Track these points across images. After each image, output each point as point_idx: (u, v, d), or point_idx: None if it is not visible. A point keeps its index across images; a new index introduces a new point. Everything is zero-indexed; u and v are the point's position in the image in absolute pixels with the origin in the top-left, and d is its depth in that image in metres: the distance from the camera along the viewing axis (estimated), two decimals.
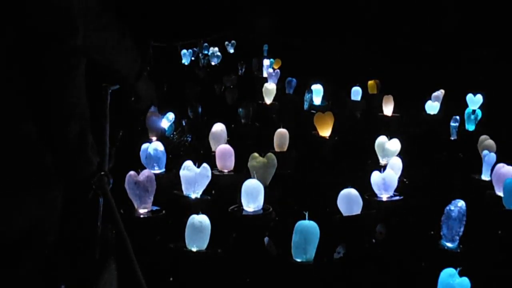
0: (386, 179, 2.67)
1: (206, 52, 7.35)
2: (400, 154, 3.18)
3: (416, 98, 4.77)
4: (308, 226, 2.10)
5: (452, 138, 4.02)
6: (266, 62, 6.27)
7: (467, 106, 4.42)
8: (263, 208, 2.51)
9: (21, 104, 1.33)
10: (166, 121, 3.87)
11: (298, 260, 2.11)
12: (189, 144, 3.82)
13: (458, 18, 7.61)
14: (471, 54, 6.74)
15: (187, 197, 2.64)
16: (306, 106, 4.74)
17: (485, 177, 3.07)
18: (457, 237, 2.24)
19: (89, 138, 1.53)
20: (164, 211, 2.49)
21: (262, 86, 4.85)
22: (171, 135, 3.94)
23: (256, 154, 2.84)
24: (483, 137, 3.47)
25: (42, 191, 1.43)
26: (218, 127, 3.38)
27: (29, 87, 1.33)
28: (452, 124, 4.02)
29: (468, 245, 2.24)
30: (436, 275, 1.84)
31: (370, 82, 5.25)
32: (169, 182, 2.82)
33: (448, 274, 1.82)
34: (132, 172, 2.45)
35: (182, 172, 2.65)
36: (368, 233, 2.49)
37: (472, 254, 2.21)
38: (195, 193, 2.64)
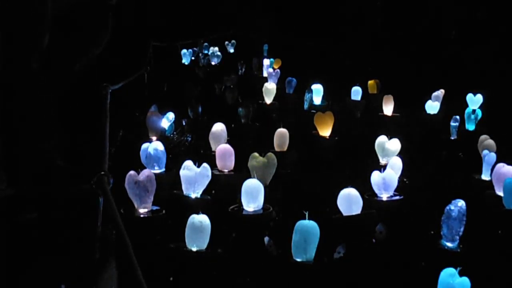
0: (386, 179, 2.67)
1: (206, 52, 7.35)
2: (400, 154, 3.18)
3: (416, 98, 4.77)
4: (308, 226, 2.10)
5: (452, 138, 4.02)
6: (266, 62, 6.27)
7: (467, 106, 4.42)
8: (263, 208, 2.50)
9: None
10: (166, 121, 3.87)
11: (298, 260, 2.11)
12: (189, 144, 3.82)
13: (458, 18, 7.61)
14: (471, 54, 6.74)
15: (187, 197, 2.64)
16: (306, 106, 4.74)
17: (485, 177, 3.07)
18: (457, 237, 2.24)
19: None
20: (164, 211, 2.49)
21: (262, 86, 4.85)
22: (171, 135, 3.94)
23: (256, 154, 2.84)
24: (483, 137, 3.47)
25: None
26: (218, 127, 3.38)
27: None
28: (452, 124, 4.02)
29: (468, 245, 2.24)
30: (436, 275, 1.84)
31: (370, 82, 5.25)
32: (169, 182, 2.82)
33: (448, 274, 1.82)
34: (132, 172, 2.45)
35: (182, 172, 2.65)
36: (368, 233, 2.49)
37: (472, 254, 2.21)
38: (195, 193, 2.64)
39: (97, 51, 2.61)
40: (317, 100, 4.79)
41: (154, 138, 3.58)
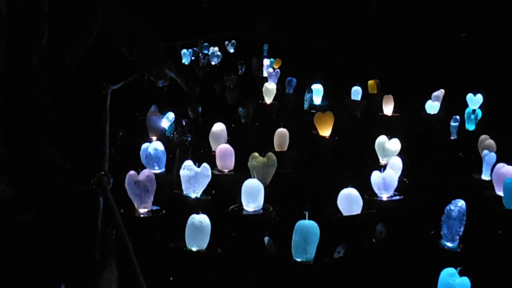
0: (386, 179, 2.67)
1: (206, 52, 7.36)
2: (400, 154, 3.17)
3: (416, 98, 4.77)
4: (308, 226, 2.10)
5: (452, 138, 4.02)
6: (266, 62, 6.27)
7: (467, 106, 4.42)
8: (263, 208, 2.50)
9: None
10: (166, 121, 3.87)
11: (298, 260, 2.11)
12: (189, 144, 3.82)
13: (458, 17, 7.61)
14: (471, 54, 6.74)
15: (187, 197, 2.64)
16: (306, 106, 4.74)
17: (485, 177, 3.07)
18: (457, 237, 2.24)
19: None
20: (164, 211, 2.49)
21: (262, 86, 4.84)
22: (171, 135, 3.94)
23: (256, 154, 2.84)
24: (483, 137, 3.46)
25: None
26: (218, 127, 3.38)
27: None
28: (452, 124, 4.02)
29: (468, 245, 2.24)
30: (436, 275, 1.83)
31: (370, 82, 5.25)
32: (169, 182, 2.82)
33: (448, 274, 1.82)
34: (132, 172, 2.45)
35: (182, 172, 2.65)
36: (368, 233, 2.49)
37: (472, 254, 2.21)
38: (195, 193, 2.64)
39: (88, 41, 2.60)
40: (317, 100, 4.79)
41: (154, 138, 3.58)
